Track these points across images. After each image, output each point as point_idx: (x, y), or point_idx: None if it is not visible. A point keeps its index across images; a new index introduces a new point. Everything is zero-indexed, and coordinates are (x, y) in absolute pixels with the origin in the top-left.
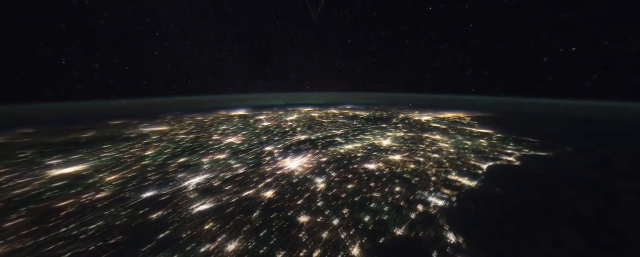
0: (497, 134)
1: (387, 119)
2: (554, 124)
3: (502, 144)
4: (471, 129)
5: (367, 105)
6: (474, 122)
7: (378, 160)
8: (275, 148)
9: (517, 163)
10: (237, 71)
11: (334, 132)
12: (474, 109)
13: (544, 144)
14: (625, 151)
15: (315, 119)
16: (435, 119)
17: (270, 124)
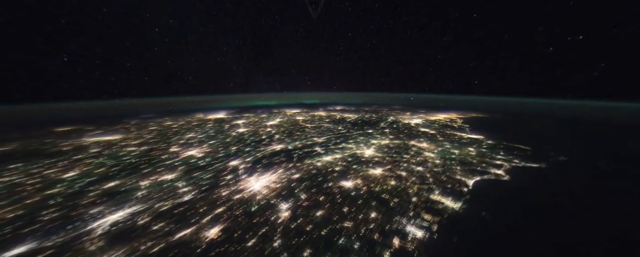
0: (488, 140)
1: (375, 122)
2: (551, 126)
3: (492, 153)
4: (461, 135)
5: (359, 105)
6: (466, 126)
7: (357, 175)
8: (242, 162)
9: (505, 178)
10: (237, 67)
11: (314, 140)
12: (470, 110)
13: (536, 153)
14: (627, 161)
15: (299, 124)
16: (425, 123)
17: (247, 130)
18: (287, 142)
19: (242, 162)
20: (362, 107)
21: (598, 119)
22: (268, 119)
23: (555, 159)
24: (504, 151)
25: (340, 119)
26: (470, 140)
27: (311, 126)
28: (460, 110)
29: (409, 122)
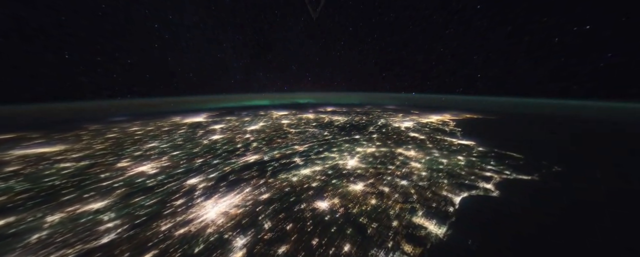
0: (479, 147)
1: (364, 126)
2: (547, 129)
3: (482, 162)
4: (452, 141)
5: (353, 106)
6: (457, 130)
7: (335, 193)
8: (204, 180)
9: (495, 193)
10: (237, 63)
11: (295, 149)
12: (467, 110)
13: (528, 162)
14: (628, 174)
15: (282, 129)
16: (416, 126)
17: (222, 137)
18: (265, 151)
19: (203, 180)
20: (355, 108)
21: (601, 120)
22: (250, 123)
23: (549, 170)
24: (494, 159)
25: (328, 122)
26: (461, 147)
27: (295, 132)
28: (456, 111)
29: (399, 126)
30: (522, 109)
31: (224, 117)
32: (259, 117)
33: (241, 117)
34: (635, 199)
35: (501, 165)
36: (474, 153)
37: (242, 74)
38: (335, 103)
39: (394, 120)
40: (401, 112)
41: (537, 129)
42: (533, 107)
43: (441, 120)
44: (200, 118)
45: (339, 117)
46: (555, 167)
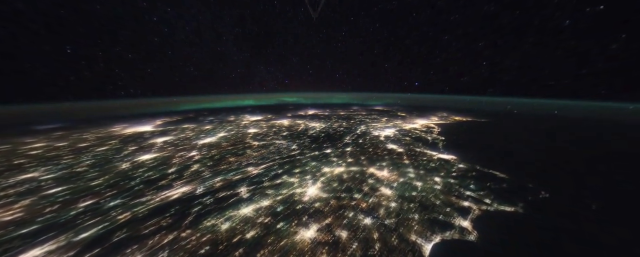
0: (460, 163)
1: (340, 136)
2: (542, 135)
3: (461, 185)
4: (431, 154)
5: (339, 107)
6: (440, 139)
7: (272, 252)
8: (65, 244)
9: (472, 236)
10: (237, 56)
11: (247, 172)
12: (458, 111)
13: (512, 184)
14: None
15: (243, 142)
16: (397, 134)
17: (156, 156)
18: (203, 179)
19: (61, 244)
20: (338, 111)
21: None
22: (208, 134)
23: (534, 196)
24: (475, 181)
25: (302, 131)
26: (440, 163)
27: (258, 145)
28: (448, 111)
29: (379, 135)
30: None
31: (180, 125)
32: (223, 124)
33: (201, 125)
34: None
35: (482, 189)
36: (453, 172)
37: (242, 67)
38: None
39: (375, 127)
40: (386, 115)
41: (529, 135)
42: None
43: (426, 125)
44: (149, 127)
45: (316, 123)
46: (542, 193)
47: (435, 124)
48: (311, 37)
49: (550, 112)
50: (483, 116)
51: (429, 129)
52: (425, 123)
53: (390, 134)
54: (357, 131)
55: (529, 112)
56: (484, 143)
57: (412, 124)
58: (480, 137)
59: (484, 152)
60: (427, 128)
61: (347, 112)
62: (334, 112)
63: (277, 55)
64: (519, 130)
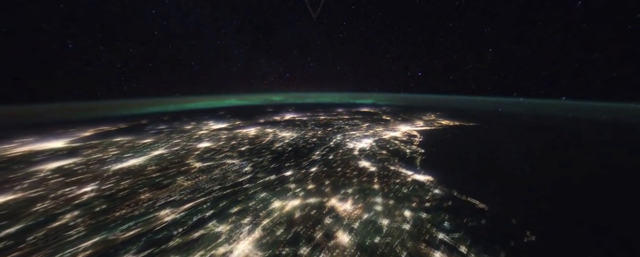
0: (436, 187)
1: (309, 150)
2: (537, 143)
3: (434, 222)
4: (406, 175)
5: (321, 109)
6: (419, 152)
7: None
8: None
9: None
10: (238, 50)
11: (155, 218)
12: (447, 113)
13: (493, 221)
14: None
15: (181, 163)
16: (374, 146)
17: (17, 197)
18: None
19: None
20: (319, 114)
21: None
22: (137, 153)
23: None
24: (451, 215)
25: (266, 144)
26: (413, 187)
27: (198, 168)
28: (437, 113)
29: (354, 147)
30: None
31: (110, 138)
32: (172, 135)
33: (139, 137)
34: None
35: (457, 231)
36: (427, 201)
37: (243, 61)
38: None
39: (352, 136)
40: (369, 120)
41: (519, 145)
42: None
43: (408, 133)
44: (63, 141)
45: (288, 132)
46: (528, 235)
47: (419, 130)
48: (312, 29)
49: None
50: (472, 119)
51: (410, 138)
52: (407, 130)
53: (367, 146)
54: (330, 142)
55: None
56: (466, 157)
57: (393, 132)
58: (463, 148)
59: (464, 171)
60: (408, 137)
61: (328, 116)
62: (313, 116)
63: (277, 47)
64: (509, 138)
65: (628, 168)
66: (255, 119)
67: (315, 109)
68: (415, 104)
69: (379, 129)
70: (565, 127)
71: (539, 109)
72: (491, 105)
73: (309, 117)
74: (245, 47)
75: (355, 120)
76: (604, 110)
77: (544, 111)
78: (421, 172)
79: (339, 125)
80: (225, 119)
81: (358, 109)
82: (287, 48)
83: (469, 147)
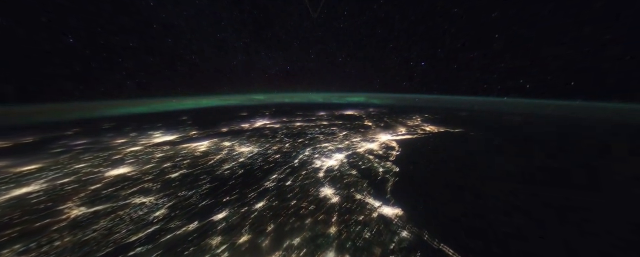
0: (404, 227)
1: (267, 172)
2: (516, 157)
3: None
4: (372, 207)
5: (300, 112)
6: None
7: None
8: None
9: None
10: (238, 42)
11: None
12: (433, 117)
13: None
14: None
15: (50, 211)
16: (344, 164)
17: None
18: None
19: None
20: (295, 119)
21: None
22: (12, 184)
23: None
24: None
25: (213, 166)
26: (377, 228)
27: (74, 218)
28: (424, 115)
29: (322, 166)
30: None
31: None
32: (79, 156)
33: (27, 160)
34: None
35: None
36: (391, 251)
37: (243, 54)
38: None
39: (324, 150)
40: (349, 126)
41: (507, 159)
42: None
43: (387, 144)
44: None
45: (248, 146)
46: None
47: (399, 140)
48: (312, 19)
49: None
50: (460, 124)
51: (387, 152)
52: (387, 140)
53: (336, 165)
54: (295, 160)
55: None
56: (444, 178)
57: (370, 143)
58: (442, 165)
59: (439, 200)
60: (385, 149)
61: (305, 121)
62: (288, 123)
63: (276, 40)
64: (496, 150)
65: None
66: (217, 127)
67: (294, 113)
68: (406, 103)
69: (356, 139)
70: (565, 133)
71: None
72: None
73: (283, 124)
74: (245, 39)
75: (333, 127)
76: None
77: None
78: (390, 203)
79: (313, 134)
80: (180, 127)
81: (342, 111)
82: (287, 39)
83: (449, 162)
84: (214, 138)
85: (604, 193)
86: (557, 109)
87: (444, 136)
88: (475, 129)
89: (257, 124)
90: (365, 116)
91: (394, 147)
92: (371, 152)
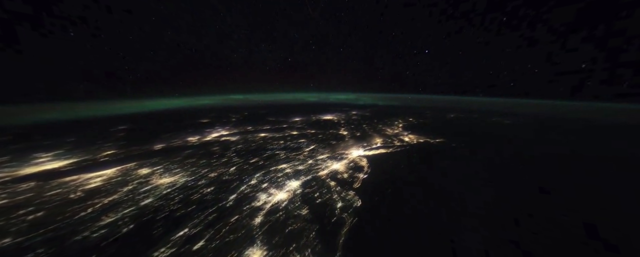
0: None
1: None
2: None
3: None
4: None
5: (265, 121)
6: (350, 216)
7: None
8: None
9: None
10: (238, 34)
11: None
12: (416, 123)
13: None
14: None
15: None
16: (298, 194)
17: None
18: None
19: None
20: (261, 128)
21: None
22: None
23: None
24: None
25: (83, 220)
26: None
27: None
28: (405, 123)
29: (265, 204)
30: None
31: None
32: None
33: None
34: None
35: None
36: None
37: (244, 47)
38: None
39: (278, 174)
40: (321, 137)
41: (493, 187)
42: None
43: (355, 164)
44: None
45: (172, 175)
46: None
47: (371, 156)
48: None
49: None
50: (443, 132)
51: (353, 175)
52: (357, 156)
53: (284, 200)
54: (232, 195)
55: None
56: (408, 223)
57: (337, 162)
58: (412, 199)
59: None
60: (353, 170)
61: (272, 131)
62: (249, 134)
63: (277, 32)
64: (475, 173)
65: None
66: (151, 143)
67: (265, 118)
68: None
69: (323, 156)
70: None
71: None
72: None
73: (242, 136)
74: (245, 31)
75: (302, 138)
76: None
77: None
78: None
79: (274, 150)
80: (98, 144)
81: (320, 116)
82: (288, 31)
83: (417, 193)
84: (132, 162)
85: None
86: None
87: (422, 149)
88: (458, 137)
89: (209, 137)
90: (344, 122)
91: (363, 167)
92: (334, 176)
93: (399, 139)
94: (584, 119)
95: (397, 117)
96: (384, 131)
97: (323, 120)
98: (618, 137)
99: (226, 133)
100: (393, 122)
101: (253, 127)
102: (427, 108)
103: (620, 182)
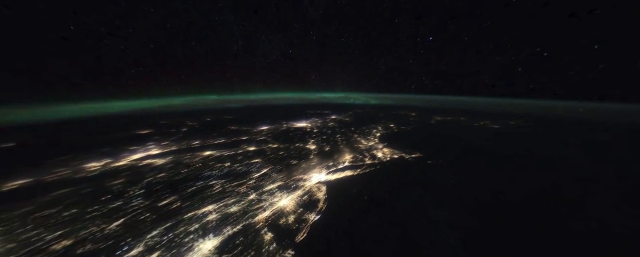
0: None
1: None
2: None
3: None
4: None
5: (231, 128)
6: None
7: None
8: None
9: None
10: (237, 26)
11: None
12: (400, 130)
13: None
14: None
15: None
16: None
17: None
18: None
19: None
20: (218, 139)
21: None
22: None
23: None
24: None
25: None
26: None
27: None
28: (389, 131)
29: (199, 247)
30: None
31: None
32: None
33: None
34: None
35: None
36: None
37: (243, 39)
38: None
39: (190, 226)
40: (282, 153)
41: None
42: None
43: (309, 196)
44: None
45: (64, 231)
46: None
47: (331, 183)
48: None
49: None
50: (422, 144)
51: (302, 217)
52: (316, 183)
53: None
54: None
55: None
56: None
57: (288, 193)
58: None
59: None
60: (303, 208)
61: (222, 148)
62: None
63: (277, 22)
64: (451, 203)
65: None
66: (37, 172)
67: (226, 126)
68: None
69: (273, 186)
70: None
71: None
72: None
73: (175, 156)
74: (244, 22)
75: (257, 158)
76: None
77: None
78: None
79: (209, 178)
80: None
81: (292, 124)
82: (288, 20)
83: (379, 242)
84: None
85: None
86: None
87: (394, 169)
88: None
89: (126, 160)
90: (317, 132)
91: (318, 200)
92: (276, 220)
93: (371, 154)
94: None
95: (378, 123)
96: (357, 142)
97: (293, 129)
98: None
99: (156, 153)
100: (371, 131)
101: (201, 141)
102: (415, 109)
103: None
